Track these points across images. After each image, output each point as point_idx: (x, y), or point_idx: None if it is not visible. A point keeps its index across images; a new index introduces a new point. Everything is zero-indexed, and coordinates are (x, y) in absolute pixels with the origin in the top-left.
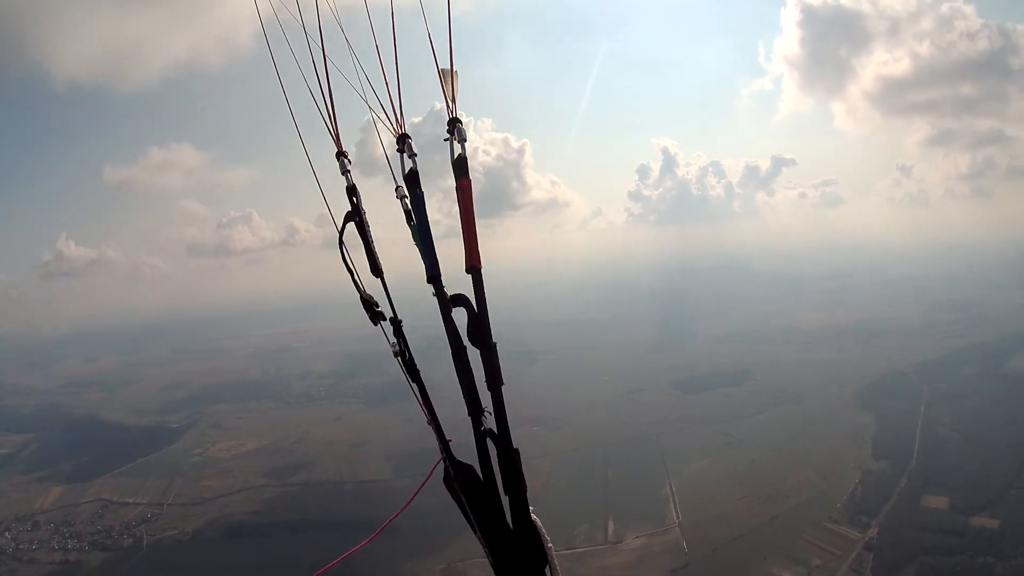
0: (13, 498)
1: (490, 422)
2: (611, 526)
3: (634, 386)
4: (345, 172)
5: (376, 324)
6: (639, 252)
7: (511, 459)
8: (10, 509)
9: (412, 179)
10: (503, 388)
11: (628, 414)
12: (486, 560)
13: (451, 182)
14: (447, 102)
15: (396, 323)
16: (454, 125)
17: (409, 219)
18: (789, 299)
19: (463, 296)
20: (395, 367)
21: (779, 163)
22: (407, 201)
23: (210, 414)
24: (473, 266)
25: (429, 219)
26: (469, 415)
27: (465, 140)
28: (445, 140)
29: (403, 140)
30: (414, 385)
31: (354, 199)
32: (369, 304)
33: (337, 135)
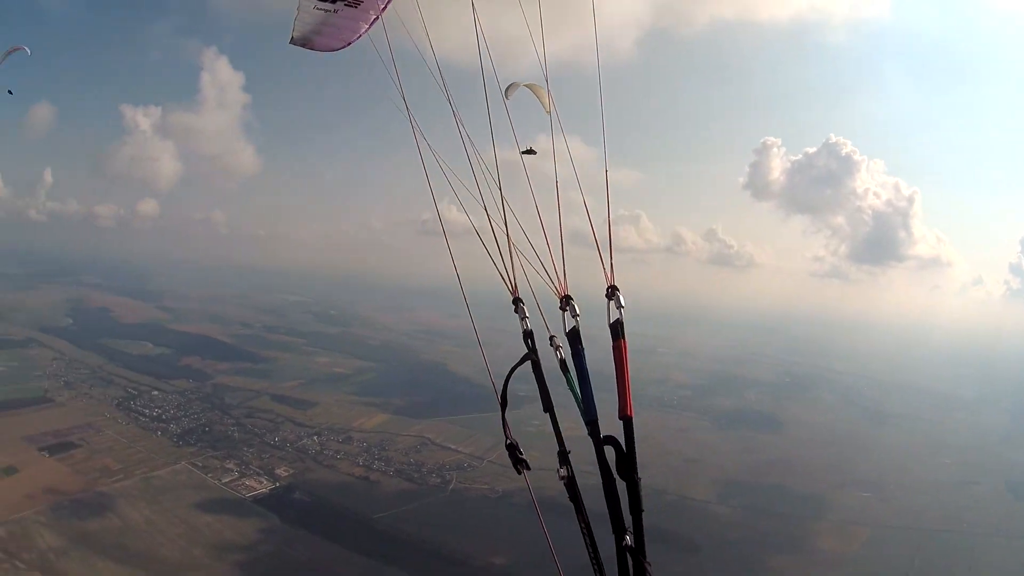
0: (335, 412)
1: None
2: None
3: (969, 477)
4: (524, 318)
5: (519, 472)
6: (1013, 331)
7: (644, 573)
8: (327, 419)
9: (574, 337)
10: (643, 514)
11: (954, 506)
12: None
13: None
14: (606, 274)
15: (564, 453)
16: (613, 291)
17: (564, 369)
18: None
19: (614, 438)
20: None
21: None
22: (561, 352)
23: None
24: (627, 416)
25: None
26: (613, 533)
27: (622, 307)
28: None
29: (567, 300)
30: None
31: (530, 342)
32: (514, 449)
33: (513, 282)
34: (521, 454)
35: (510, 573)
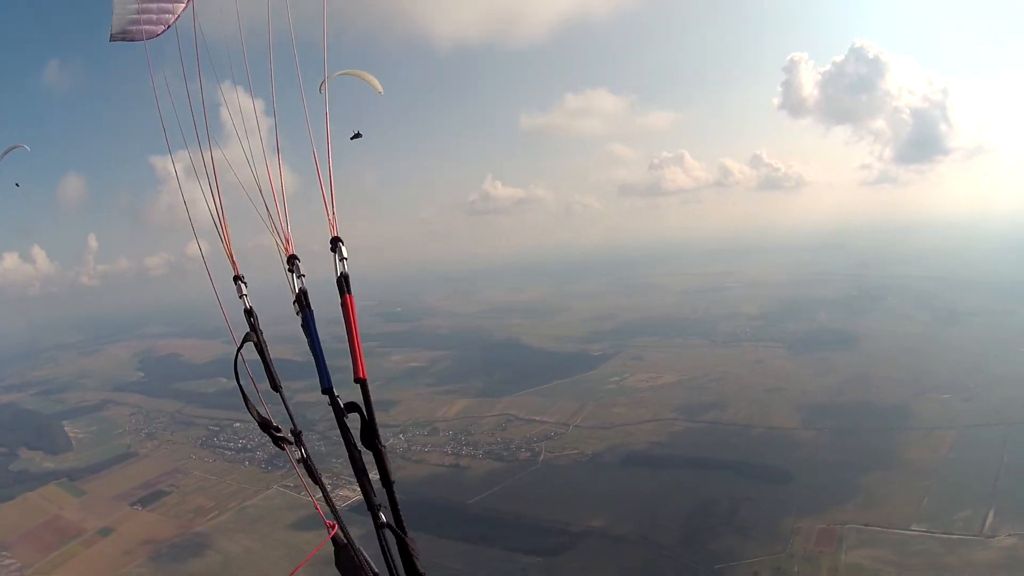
0: (416, 406)
1: (386, 516)
2: (990, 517)
3: None
4: (242, 296)
5: (280, 447)
6: None
7: (406, 547)
8: (410, 415)
9: (302, 299)
10: (393, 485)
11: None
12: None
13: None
14: (329, 217)
15: (296, 433)
16: (335, 243)
17: (306, 333)
18: None
19: (355, 404)
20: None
21: None
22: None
23: (634, 346)
24: (361, 378)
25: None
26: (368, 509)
27: (345, 259)
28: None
29: (292, 261)
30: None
31: (251, 320)
32: (267, 426)
33: (232, 258)
34: (278, 431)
35: (608, 533)
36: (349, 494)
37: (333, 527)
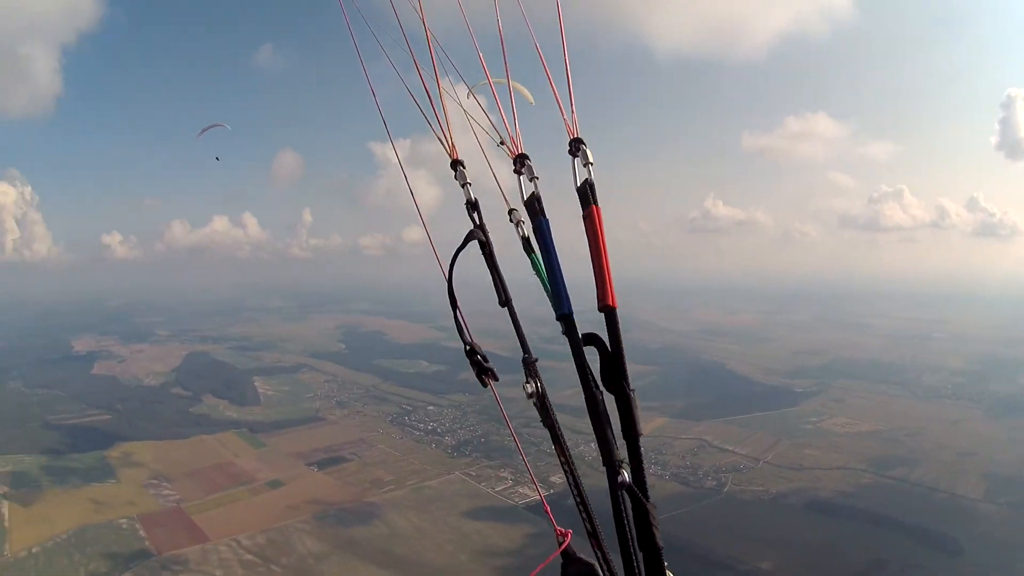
0: (612, 418)
1: (627, 475)
2: None
3: None
4: (465, 184)
5: (484, 384)
6: None
7: (647, 515)
8: None
9: (534, 204)
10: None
11: None
12: None
13: None
14: (565, 116)
15: (530, 362)
16: (577, 146)
17: (528, 249)
18: None
19: (596, 335)
20: None
21: None
22: (524, 227)
23: (836, 387)
24: (608, 305)
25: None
26: (604, 466)
27: (591, 163)
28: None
29: (522, 160)
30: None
31: (475, 215)
32: (475, 355)
33: (451, 141)
34: (487, 361)
35: None
36: (528, 492)
37: (566, 536)
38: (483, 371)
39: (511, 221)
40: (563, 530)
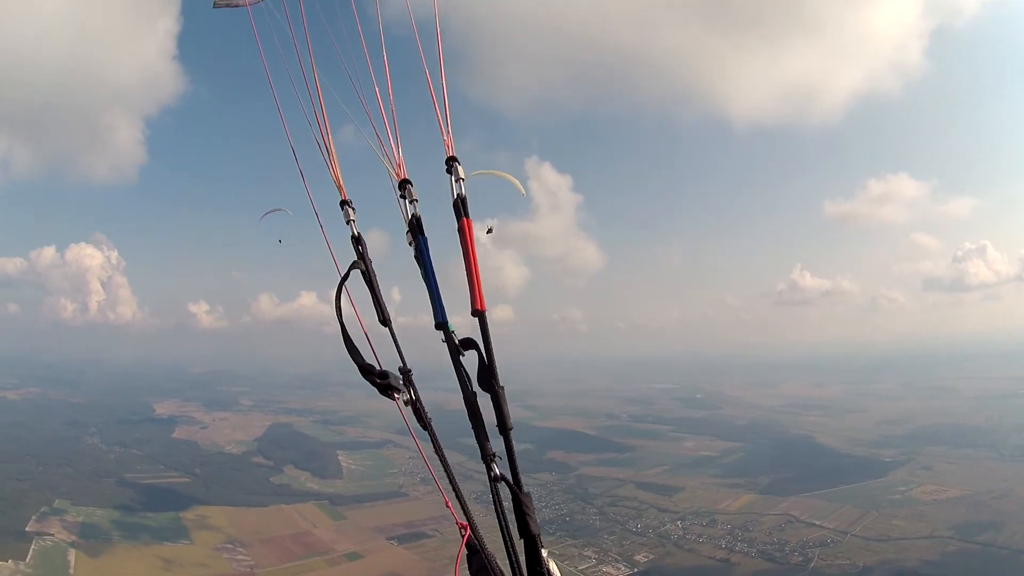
0: (699, 495)
1: (502, 467)
2: None
3: None
4: (349, 221)
5: (389, 396)
6: None
7: (523, 504)
8: (692, 503)
9: (415, 226)
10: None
11: None
12: None
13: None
14: (444, 137)
15: (405, 372)
16: (451, 164)
17: (419, 263)
18: None
19: (472, 340)
20: None
21: None
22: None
23: (924, 454)
24: (479, 310)
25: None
26: (482, 460)
27: (462, 179)
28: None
29: (404, 185)
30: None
31: (359, 248)
32: (368, 373)
33: (339, 183)
34: (386, 378)
35: None
36: (611, 572)
37: (466, 528)
38: (384, 388)
39: (409, 244)
40: (463, 523)
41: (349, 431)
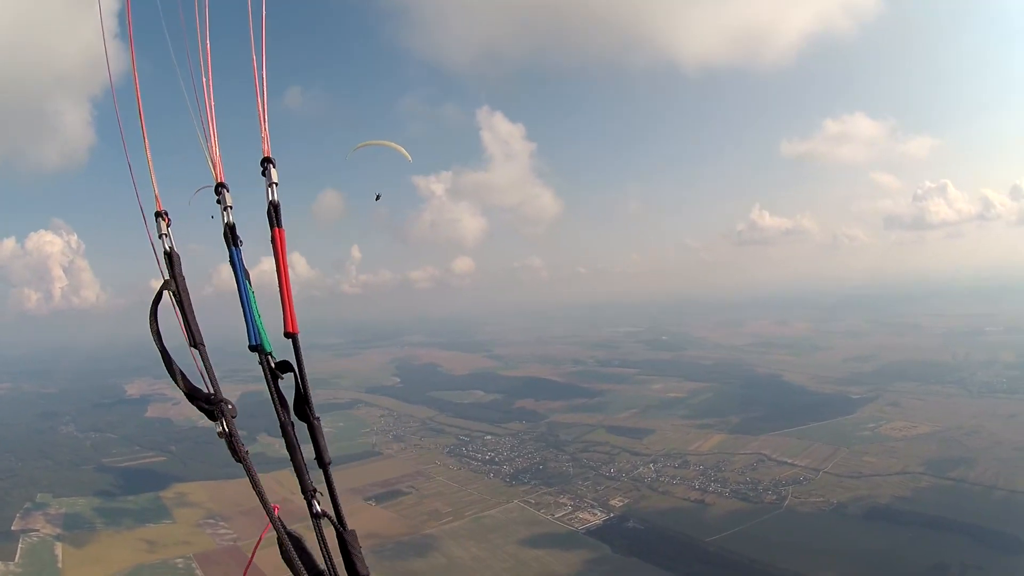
0: (670, 437)
1: (324, 503)
2: None
3: None
4: (162, 235)
5: (215, 420)
6: None
7: (346, 542)
8: (664, 446)
9: (229, 235)
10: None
11: None
12: None
13: None
14: (262, 132)
15: (217, 403)
16: (266, 165)
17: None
18: None
19: (289, 364)
20: None
21: None
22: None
23: (892, 391)
24: (290, 332)
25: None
26: (303, 495)
27: (276, 184)
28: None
29: (219, 190)
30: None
31: (171, 265)
32: (194, 397)
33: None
34: (210, 402)
35: None
36: (588, 517)
37: (275, 508)
38: (210, 414)
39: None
40: (275, 505)
41: (319, 394)
